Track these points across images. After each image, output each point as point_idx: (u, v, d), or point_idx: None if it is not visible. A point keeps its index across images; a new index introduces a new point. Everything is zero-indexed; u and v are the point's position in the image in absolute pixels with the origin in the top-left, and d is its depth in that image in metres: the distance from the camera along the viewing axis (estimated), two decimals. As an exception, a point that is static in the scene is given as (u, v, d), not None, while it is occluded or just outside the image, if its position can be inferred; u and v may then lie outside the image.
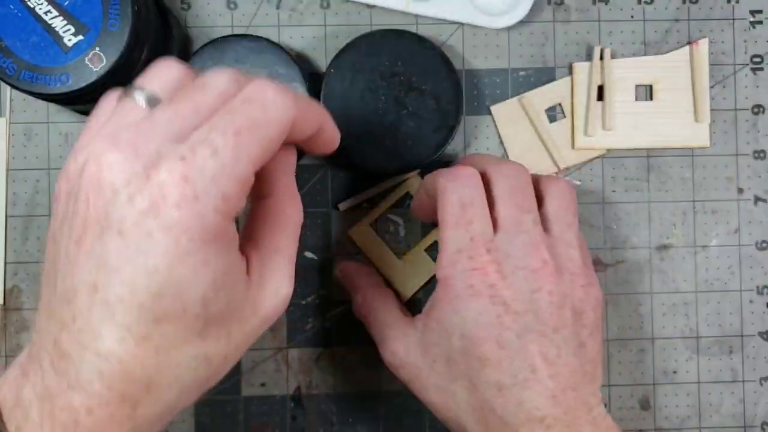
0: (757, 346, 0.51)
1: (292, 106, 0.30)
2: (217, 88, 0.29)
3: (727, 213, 0.51)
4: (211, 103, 0.29)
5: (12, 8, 0.40)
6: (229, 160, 0.28)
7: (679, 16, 0.51)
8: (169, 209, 0.27)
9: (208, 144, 0.28)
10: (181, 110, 0.29)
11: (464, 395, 0.38)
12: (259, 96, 0.29)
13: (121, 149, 0.27)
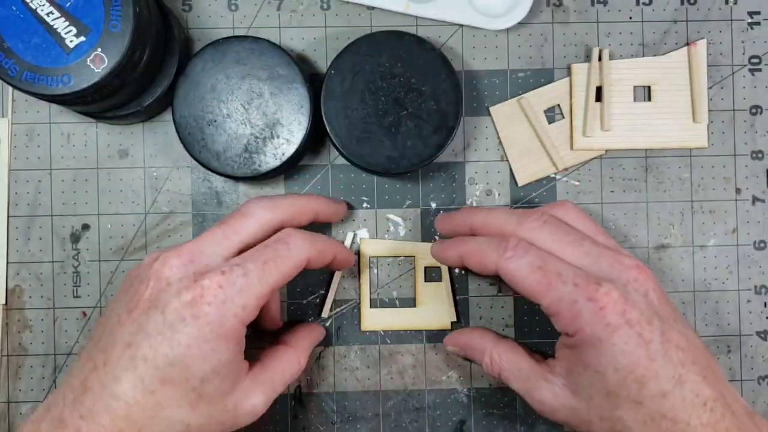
0: (755, 345, 0.51)
1: (309, 248, 0.41)
2: (256, 216, 0.41)
3: (724, 213, 0.51)
4: (250, 229, 0.41)
5: (14, 9, 0.41)
6: (254, 280, 0.38)
7: (677, 17, 0.51)
8: (202, 305, 0.37)
9: (243, 267, 0.38)
10: (227, 233, 0.40)
11: (631, 415, 0.39)
12: (286, 239, 0.40)
13: (181, 257, 0.38)
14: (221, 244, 0.39)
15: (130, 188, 0.50)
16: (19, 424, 0.50)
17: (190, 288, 0.37)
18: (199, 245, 0.39)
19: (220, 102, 0.46)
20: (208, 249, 0.39)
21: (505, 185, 0.51)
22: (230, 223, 0.41)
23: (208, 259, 0.39)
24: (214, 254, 0.39)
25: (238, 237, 0.40)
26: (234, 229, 0.40)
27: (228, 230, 0.40)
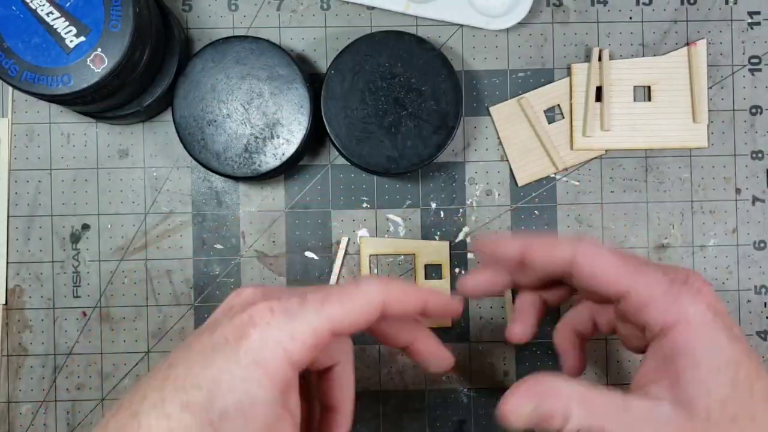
0: (755, 345, 0.51)
1: (382, 290, 0.35)
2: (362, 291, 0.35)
3: (725, 213, 0.51)
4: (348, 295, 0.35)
5: (14, 10, 0.41)
6: (309, 312, 0.33)
7: (677, 17, 0.51)
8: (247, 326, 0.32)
9: (301, 297, 0.34)
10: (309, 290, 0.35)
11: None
12: (358, 281, 0.35)
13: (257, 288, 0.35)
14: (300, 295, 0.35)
15: (130, 188, 0.50)
16: (20, 423, 0.50)
17: (245, 311, 0.33)
18: (279, 290, 0.35)
19: (220, 102, 0.46)
20: (289, 290, 0.35)
21: (505, 185, 0.51)
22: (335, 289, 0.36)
23: (281, 294, 0.34)
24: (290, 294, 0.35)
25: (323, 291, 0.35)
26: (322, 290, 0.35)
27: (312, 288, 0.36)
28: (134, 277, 0.50)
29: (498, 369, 0.51)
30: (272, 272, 0.50)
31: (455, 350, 0.50)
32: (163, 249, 0.50)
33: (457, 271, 0.51)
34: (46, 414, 0.50)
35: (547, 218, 0.51)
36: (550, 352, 0.51)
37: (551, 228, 0.51)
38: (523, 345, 0.51)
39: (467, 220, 0.51)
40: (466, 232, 0.51)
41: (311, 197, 0.51)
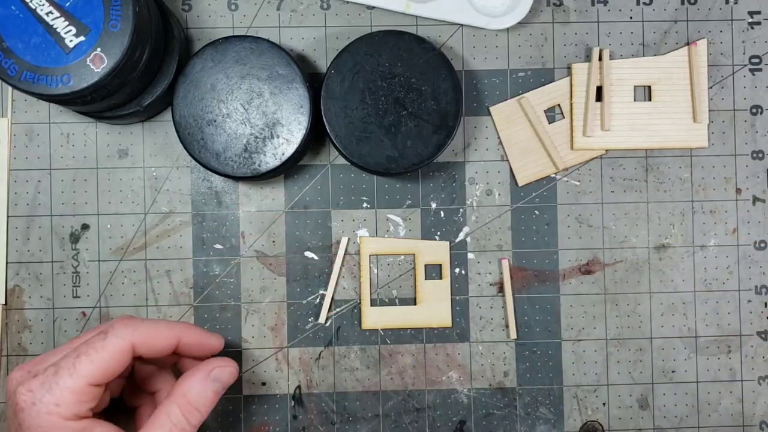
0: (755, 345, 0.51)
1: (130, 336, 0.40)
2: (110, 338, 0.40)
3: (725, 213, 0.51)
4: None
5: (13, 9, 0.41)
6: (64, 376, 0.38)
7: (677, 17, 0.51)
8: (19, 412, 0.38)
9: (55, 365, 0.39)
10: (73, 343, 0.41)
11: None
12: (107, 329, 0.40)
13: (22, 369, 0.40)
14: (62, 353, 0.40)
15: (129, 188, 0.50)
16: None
17: (11, 399, 0.39)
18: (43, 358, 0.41)
19: (219, 102, 0.46)
20: (48, 359, 0.40)
21: (505, 185, 0.51)
22: (81, 336, 0.42)
23: (39, 367, 0.40)
24: (46, 361, 0.40)
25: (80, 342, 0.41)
26: (80, 338, 0.42)
27: (75, 341, 0.42)
28: (134, 277, 0.50)
29: (498, 369, 0.51)
30: (272, 272, 0.50)
31: (455, 350, 0.51)
32: (163, 249, 0.50)
33: (458, 271, 0.51)
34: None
35: (547, 218, 0.51)
36: (550, 352, 0.51)
37: (551, 228, 0.51)
38: (523, 345, 0.51)
39: (467, 220, 0.51)
40: (466, 232, 0.51)
41: (311, 197, 0.51)
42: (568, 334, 0.51)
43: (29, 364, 0.40)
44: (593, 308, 0.51)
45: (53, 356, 0.41)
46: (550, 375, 0.51)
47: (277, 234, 0.50)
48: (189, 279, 0.50)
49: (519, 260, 0.51)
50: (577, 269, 0.51)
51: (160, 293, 0.50)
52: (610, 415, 0.51)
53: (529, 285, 0.51)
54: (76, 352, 0.39)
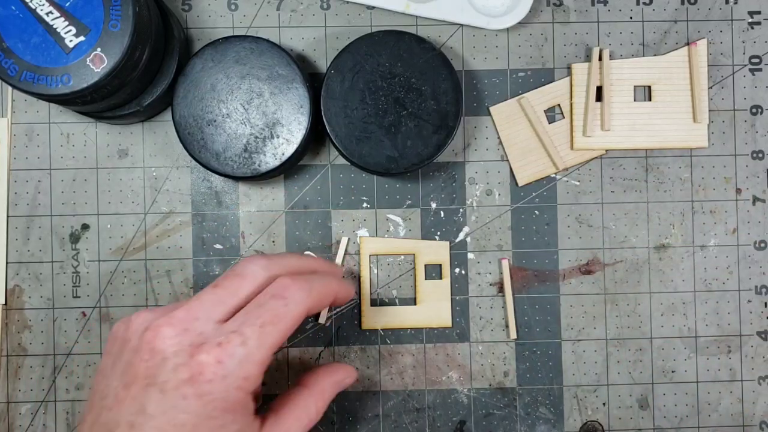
0: (755, 345, 0.51)
1: (308, 299, 0.38)
2: (252, 277, 0.38)
3: (725, 213, 0.51)
4: (246, 290, 0.38)
5: (13, 9, 0.41)
6: (253, 348, 0.36)
7: (677, 17, 0.51)
8: (202, 383, 0.35)
9: (239, 334, 0.36)
10: (222, 296, 0.37)
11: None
12: (282, 293, 0.37)
13: (174, 326, 0.36)
14: (215, 309, 0.37)
15: (129, 188, 0.50)
16: (20, 423, 0.50)
17: (188, 365, 0.35)
18: (192, 311, 0.37)
19: (219, 102, 0.46)
20: (202, 315, 0.37)
21: (505, 185, 0.51)
22: (224, 285, 0.38)
23: (203, 326, 0.36)
24: (208, 320, 0.37)
25: (232, 300, 0.38)
26: (228, 291, 0.38)
27: (222, 293, 0.38)
28: (134, 277, 0.50)
29: (498, 369, 0.51)
30: (272, 272, 0.50)
31: (455, 350, 0.51)
32: (163, 249, 0.50)
33: (458, 271, 0.51)
34: (45, 414, 0.50)
35: (547, 218, 0.51)
36: (550, 352, 0.51)
37: (551, 228, 0.51)
38: (523, 345, 0.51)
39: (467, 220, 0.51)
40: (466, 232, 0.51)
41: (311, 197, 0.51)
42: (568, 334, 0.51)
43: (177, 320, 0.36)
44: (593, 308, 0.51)
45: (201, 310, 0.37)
46: (550, 375, 0.51)
47: (277, 234, 0.50)
48: (189, 279, 0.50)
49: (519, 260, 0.51)
50: (577, 269, 0.51)
51: (160, 293, 0.50)
52: (610, 415, 0.51)
53: (529, 285, 0.51)
54: (259, 321, 0.36)
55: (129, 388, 0.35)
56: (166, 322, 0.36)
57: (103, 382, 0.37)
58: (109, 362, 0.38)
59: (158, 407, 0.34)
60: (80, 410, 0.50)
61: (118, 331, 0.38)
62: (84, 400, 0.50)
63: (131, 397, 0.35)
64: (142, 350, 0.36)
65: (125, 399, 0.35)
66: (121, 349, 0.37)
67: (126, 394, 0.35)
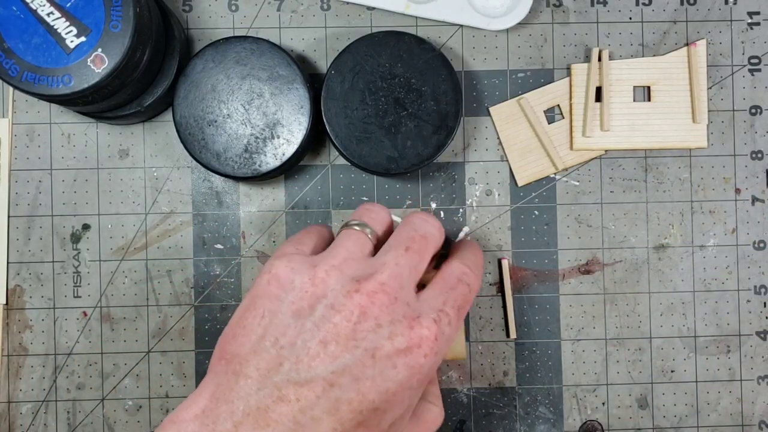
0: (754, 345, 0.51)
1: (478, 287, 0.40)
2: (434, 241, 0.39)
3: (724, 213, 0.51)
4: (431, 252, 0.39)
5: (14, 10, 0.41)
6: (454, 329, 0.37)
7: (677, 17, 0.51)
8: (419, 356, 0.35)
9: (446, 315, 0.37)
10: (415, 261, 0.38)
11: None
12: (467, 280, 0.39)
13: (387, 293, 0.36)
14: (412, 276, 0.37)
15: (130, 188, 0.50)
16: (20, 423, 0.50)
17: (406, 335, 0.35)
18: (396, 278, 0.36)
19: (220, 102, 0.46)
20: (405, 283, 0.37)
21: (505, 185, 0.51)
22: (415, 248, 0.38)
23: (407, 296, 0.36)
24: (410, 290, 0.37)
25: (422, 260, 0.38)
26: (419, 255, 0.38)
27: (415, 258, 0.38)
28: (134, 277, 0.50)
29: (497, 368, 0.51)
30: (272, 272, 0.50)
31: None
32: (164, 249, 0.50)
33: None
34: (46, 414, 0.50)
35: (547, 218, 0.51)
36: (550, 351, 0.51)
37: (551, 228, 0.51)
38: (522, 345, 0.51)
39: (467, 220, 0.51)
40: (466, 232, 0.51)
41: (311, 197, 0.51)
42: (567, 334, 0.51)
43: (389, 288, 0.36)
44: (593, 308, 0.51)
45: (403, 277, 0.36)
46: (550, 375, 0.51)
47: (278, 234, 0.51)
48: (189, 279, 0.50)
49: (518, 260, 0.51)
50: (577, 269, 0.51)
51: (160, 293, 0.50)
52: (610, 414, 0.51)
53: (528, 285, 0.51)
54: (457, 305, 0.37)
55: (327, 345, 0.34)
56: (380, 288, 0.36)
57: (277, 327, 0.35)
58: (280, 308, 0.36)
59: (365, 371, 0.34)
60: (80, 410, 0.50)
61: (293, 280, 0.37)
62: (84, 399, 0.50)
63: (330, 355, 0.34)
64: (349, 311, 0.35)
65: (319, 354, 0.34)
66: (303, 299, 0.36)
67: (322, 350, 0.34)
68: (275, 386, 0.34)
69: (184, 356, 0.50)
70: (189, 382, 0.50)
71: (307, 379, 0.34)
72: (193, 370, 0.50)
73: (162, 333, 0.50)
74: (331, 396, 0.33)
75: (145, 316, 0.50)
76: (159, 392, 0.50)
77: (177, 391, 0.50)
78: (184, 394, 0.50)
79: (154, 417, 0.50)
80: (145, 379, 0.50)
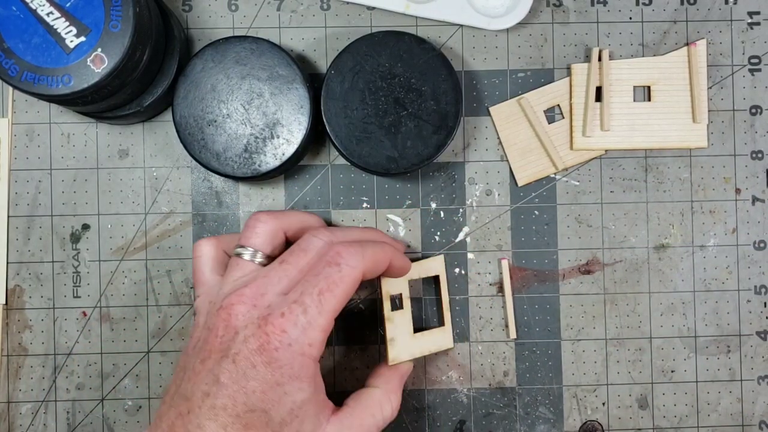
0: (754, 345, 0.51)
1: (361, 264, 0.40)
2: (314, 249, 0.40)
3: (724, 213, 0.51)
4: (308, 262, 0.40)
5: (14, 10, 0.41)
6: (314, 316, 0.38)
7: (677, 17, 0.51)
8: (271, 351, 0.37)
9: (300, 303, 0.38)
10: (286, 269, 0.40)
11: None
12: (336, 259, 0.39)
13: (244, 302, 0.39)
14: (280, 282, 0.39)
15: (130, 188, 0.50)
16: (20, 423, 0.50)
17: (256, 335, 0.38)
18: (259, 287, 0.39)
19: (220, 102, 0.46)
20: (268, 289, 0.39)
21: (505, 185, 0.51)
22: (289, 260, 0.40)
23: (269, 300, 0.39)
24: (274, 294, 0.39)
25: (295, 272, 0.40)
26: (292, 265, 0.40)
27: (287, 267, 0.40)
28: (134, 277, 0.50)
29: (498, 369, 0.51)
30: (272, 272, 0.50)
31: (455, 350, 0.51)
32: (163, 249, 0.50)
33: (457, 271, 0.51)
34: (46, 414, 0.50)
35: (546, 218, 0.51)
36: (550, 351, 0.51)
37: (551, 228, 0.51)
38: (522, 345, 0.51)
39: (467, 220, 0.51)
40: (466, 232, 0.51)
41: (311, 197, 0.51)
42: (567, 334, 0.51)
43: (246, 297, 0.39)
44: (593, 308, 0.51)
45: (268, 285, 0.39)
46: (550, 375, 0.51)
47: (278, 234, 0.50)
48: (189, 279, 0.50)
49: (519, 260, 0.51)
50: (577, 269, 0.51)
51: (160, 293, 0.50)
52: (610, 414, 0.51)
53: (528, 285, 0.51)
54: (316, 289, 0.38)
55: (205, 362, 0.38)
56: (237, 300, 0.39)
57: (185, 359, 0.40)
58: (191, 344, 0.41)
59: (230, 376, 0.37)
60: (80, 410, 0.50)
61: (199, 317, 0.41)
62: (84, 399, 0.50)
63: (207, 370, 0.38)
64: (217, 327, 0.39)
65: (201, 371, 0.38)
66: (202, 330, 0.40)
67: (202, 368, 0.38)
68: (174, 404, 0.38)
69: (183, 356, 0.50)
70: (189, 382, 0.50)
71: (192, 392, 0.38)
72: (192, 370, 0.50)
73: (162, 333, 0.50)
74: (208, 404, 0.37)
75: (145, 316, 0.50)
76: (159, 392, 0.50)
77: (177, 391, 0.50)
78: (183, 394, 0.50)
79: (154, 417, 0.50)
80: (145, 379, 0.50)
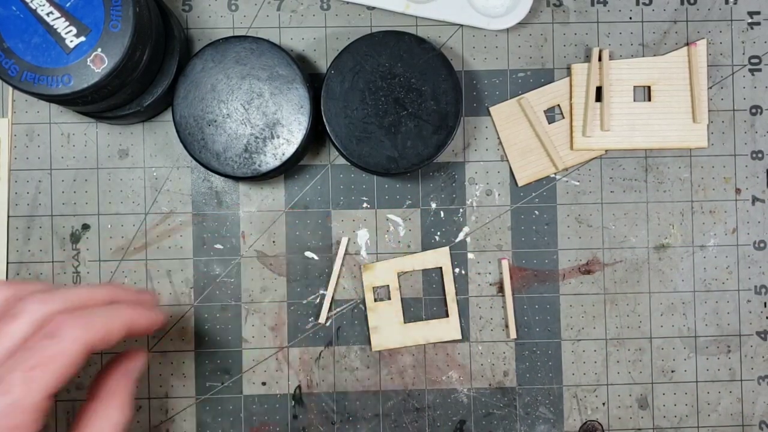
0: (754, 345, 0.51)
1: (84, 335, 0.35)
2: (27, 315, 0.35)
3: (724, 213, 0.51)
4: (22, 331, 0.35)
5: (14, 10, 0.41)
6: (20, 396, 0.33)
7: (677, 17, 0.51)
8: None
9: (6, 383, 0.33)
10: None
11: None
12: (54, 331, 0.35)
13: None
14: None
15: (130, 188, 0.50)
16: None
17: None
18: None
19: (220, 102, 0.46)
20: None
21: (505, 185, 0.51)
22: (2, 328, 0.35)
23: None
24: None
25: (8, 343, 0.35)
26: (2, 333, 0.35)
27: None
28: (134, 277, 0.50)
29: (498, 369, 0.51)
30: (272, 272, 0.50)
31: (455, 350, 0.51)
32: (164, 249, 0.50)
33: (457, 271, 0.51)
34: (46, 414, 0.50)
35: (547, 218, 0.51)
36: (550, 351, 0.51)
37: (551, 228, 0.51)
38: (522, 345, 0.51)
39: (467, 220, 0.51)
40: (466, 232, 0.51)
41: (311, 197, 0.51)
42: (567, 334, 0.51)
43: None
44: (593, 308, 0.51)
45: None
46: (550, 375, 0.51)
47: (278, 234, 0.51)
48: (189, 279, 0.50)
49: (519, 260, 0.51)
50: (577, 269, 0.51)
51: (160, 293, 0.50)
52: (610, 414, 0.51)
53: (528, 285, 0.51)
54: (27, 365, 0.34)
55: None
56: None
57: None
58: None
59: None
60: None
61: None
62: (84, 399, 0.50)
63: None
64: None
65: None
66: None
67: None
68: None
69: (184, 356, 0.50)
70: (189, 382, 0.50)
71: None
72: (193, 371, 0.50)
73: (162, 333, 0.50)
74: None
75: (145, 316, 0.50)
76: (159, 392, 0.50)
77: (177, 391, 0.50)
78: (184, 394, 0.50)
79: (154, 417, 0.50)
80: (145, 379, 0.50)
